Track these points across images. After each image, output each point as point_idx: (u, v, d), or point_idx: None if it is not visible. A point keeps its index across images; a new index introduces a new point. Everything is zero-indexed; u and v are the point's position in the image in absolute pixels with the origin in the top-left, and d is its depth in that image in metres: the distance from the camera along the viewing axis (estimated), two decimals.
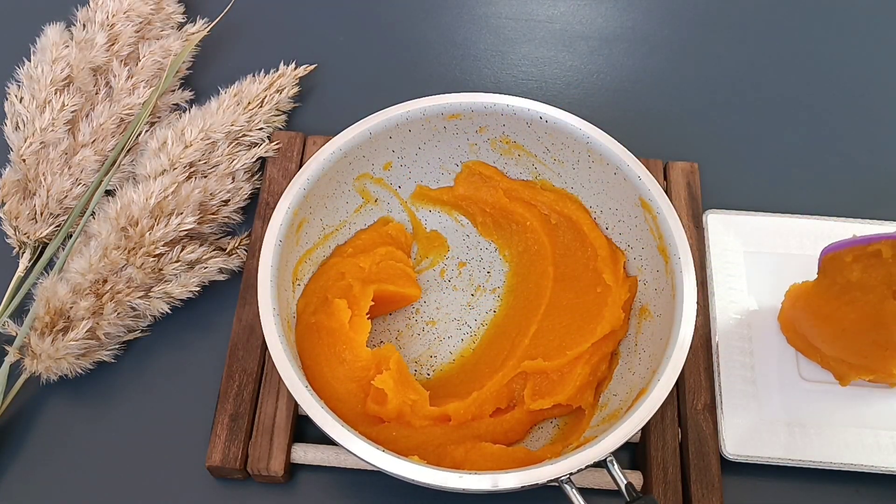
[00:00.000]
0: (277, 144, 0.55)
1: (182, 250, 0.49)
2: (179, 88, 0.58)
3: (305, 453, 0.46)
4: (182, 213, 0.48)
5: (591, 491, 0.45)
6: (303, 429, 0.47)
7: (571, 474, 0.37)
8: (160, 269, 0.48)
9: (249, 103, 0.54)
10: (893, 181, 0.58)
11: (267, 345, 0.40)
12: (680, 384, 0.48)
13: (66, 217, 0.51)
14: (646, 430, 0.46)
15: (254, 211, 0.53)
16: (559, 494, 0.38)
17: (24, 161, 0.51)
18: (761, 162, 0.58)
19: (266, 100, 0.55)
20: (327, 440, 0.39)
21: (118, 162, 0.53)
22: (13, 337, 0.47)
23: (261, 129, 0.54)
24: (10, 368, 0.47)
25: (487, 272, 0.52)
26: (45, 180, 0.51)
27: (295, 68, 0.59)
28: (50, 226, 0.51)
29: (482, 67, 0.63)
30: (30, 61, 0.54)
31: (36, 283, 0.48)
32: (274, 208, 0.45)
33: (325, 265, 0.49)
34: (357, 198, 0.50)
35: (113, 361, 0.49)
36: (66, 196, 0.51)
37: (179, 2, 0.61)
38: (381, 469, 0.38)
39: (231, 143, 0.53)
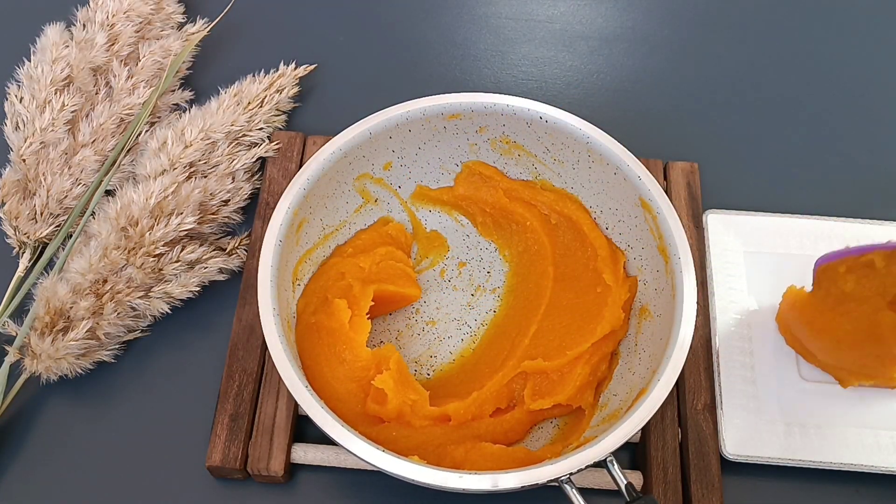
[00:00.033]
0: (277, 144, 0.55)
1: (182, 250, 0.49)
2: (179, 88, 0.58)
3: (305, 453, 0.46)
4: (182, 213, 0.48)
5: (591, 491, 0.45)
6: (303, 429, 0.47)
7: (571, 474, 0.37)
8: (160, 269, 0.48)
9: (249, 103, 0.54)
10: (893, 181, 0.58)
11: (267, 345, 0.40)
12: (680, 384, 0.48)
13: (66, 217, 0.51)
14: (646, 430, 0.46)
15: (254, 211, 0.53)
16: (559, 494, 0.38)
17: (24, 161, 0.51)
18: (761, 162, 0.58)
19: (266, 100, 0.55)
20: (327, 440, 0.39)
21: (118, 162, 0.53)
22: (13, 337, 0.47)
23: (261, 129, 0.54)
24: (10, 368, 0.47)
25: (487, 272, 0.52)
26: (45, 180, 0.51)
27: (295, 68, 0.59)
28: (50, 226, 0.51)
29: (482, 67, 0.63)
30: (30, 61, 0.54)
31: (36, 283, 0.48)
32: (274, 208, 0.45)
33: (325, 265, 0.49)
34: (357, 198, 0.50)
35: (113, 361, 0.49)
36: (66, 196, 0.51)
37: (179, 2, 0.61)
38: (381, 469, 0.38)
39: (231, 143, 0.53)
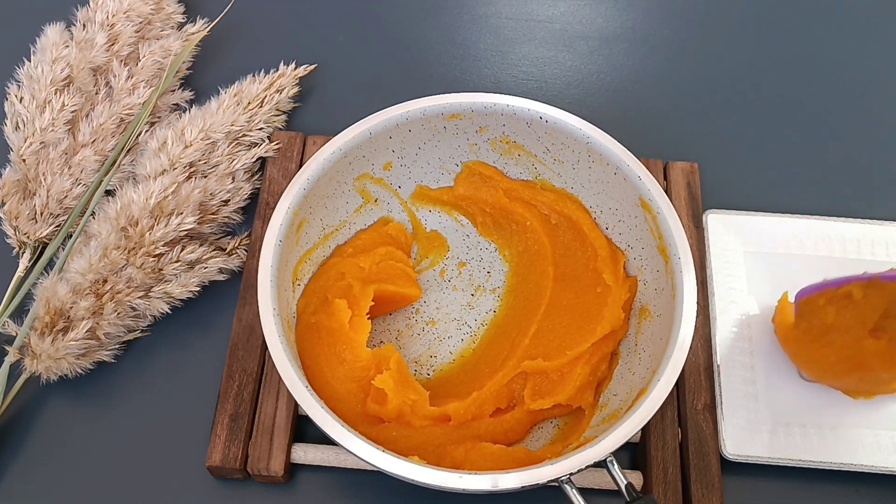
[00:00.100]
0: (277, 144, 0.55)
1: (182, 250, 0.49)
2: (179, 88, 0.58)
3: (305, 453, 0.46)
4: (182, 213, 0.48)
5: (591, 491, 0.45)
6: (303, 429, 0.47)
7: (571, 474, 0.37)
8: (160, 269, 0.48)
9: (249, 103, 0.54)
10: (893, 181, 0.58)
11: (267, 345, 0.40)
12: (680, 384, 0.48)
13: (66, 217, 0.51)
14: (646, 430, 0.46)
15: (254, 211, 0.53)
16: (559, 494, 0.38)
17: (24, 161, 0.51)
18: (761, 162, 0.58)
19: (266, 100, 0.55)
20: (327, 440, 0.39)
21: (118, 162, 0.53)
22: (13, 337, 0.47)
23: (261, 129, 0.54)
24: (10, 368, 0.47)
25: (487, 272, 0.52)
26: (45, 180, 0.51)
27: (295, 68, 0.59)
28: (50, 226, 0.51)
29: (482, 67, 0.63)
30: (30, 61, 0.54)
31: (36, 283, 0.48)
32: (274, 208, 0.45)
33: (325, 265, 0.49)
34: (357, 198, 0.50)
35: (113, 361, 0.49)
36: (66, 196, 0.51)
37: (179, 2, 0.61)
38: (381, 469, 0.37)
39: (231, 143, 0.53)
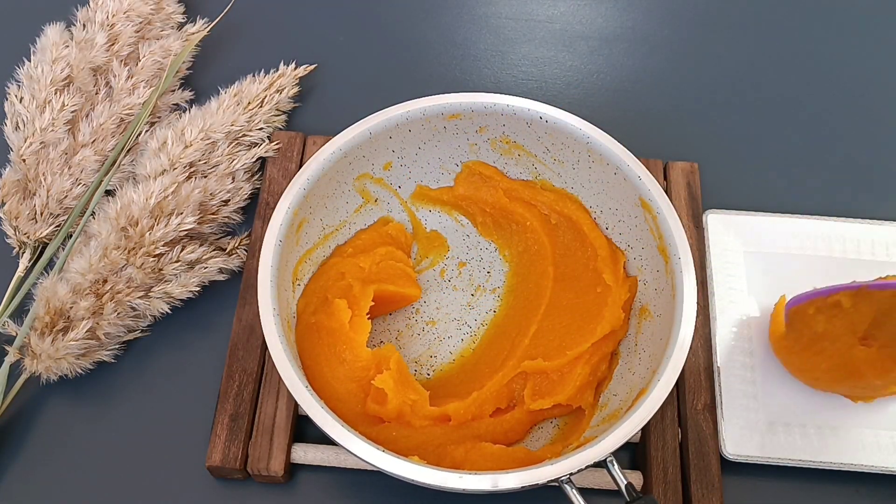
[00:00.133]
0: (277, 144, 0.55)
1: (182, 250, 0.49)
2: (179, 88, 0.58)
3: (305, 453, 0.46)
4: (182, 213, 0.48)
5: (591, 491, 0.45)
6: (303, 429, 0.47)
7: (571, 474, 0.37)
8: (160, 269, 0.48)
9: (249, 103, 0.54)
10: (893, 181, 0.58)
11: (267, 345, 0.40)
12: (680, 384, 0.48)
13: (66, 217, 0.51)
14: (646, 430, 0.46)
15: (254, 211, 0.53)
16: (559, 494, 0.38)
17: (24, 161, 0.51)
18: (761, 162, 0.58)
19: (266, 100, 0.55)
20: (327, 440, 0.39)
21: (118, 162, 0.53)
22: (13, 337, 0.47)
23: (261, 129, 0.54)
24: (10, 368, 0.47)
25: (487, 272, 0.52)
26: (45, 180, 0.51)
27: (295, 68, 0.59)
28: (50, 226, 0.51)
29: (482, 67, 0.63)
30: (30, 61, 0.54)
31: (36, 283, 0.48)
32: (274, 208, 0.45)
33: (325, 265, 0.49)
34: (357, 198, 0.50)
35: (113, 361, 0.49)
36: (66, 196, 0.51)
37: (179, 2, 0.61)
38: (381, 469, 0.37)
39: (231, 143, 0.53)
